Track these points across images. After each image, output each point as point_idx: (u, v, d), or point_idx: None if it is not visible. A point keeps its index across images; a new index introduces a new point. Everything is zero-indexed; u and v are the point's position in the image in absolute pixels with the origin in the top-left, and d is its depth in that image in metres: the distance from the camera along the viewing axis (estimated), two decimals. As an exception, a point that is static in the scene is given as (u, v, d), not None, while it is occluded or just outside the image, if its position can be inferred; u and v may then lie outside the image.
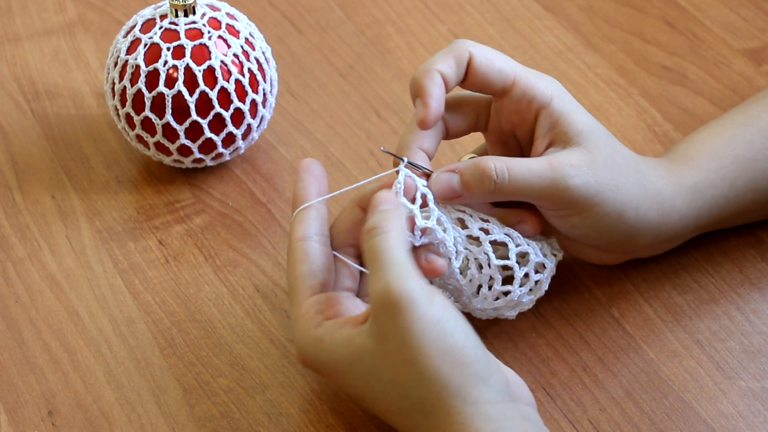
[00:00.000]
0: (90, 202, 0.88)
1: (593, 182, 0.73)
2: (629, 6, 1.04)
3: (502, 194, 0.73)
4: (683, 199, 0.78)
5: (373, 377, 0.67)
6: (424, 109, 0.72)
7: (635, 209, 0.75)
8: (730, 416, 0.74)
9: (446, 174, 0.73)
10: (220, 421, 0.74)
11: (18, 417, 0.75)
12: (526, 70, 0.75)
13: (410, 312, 0.65)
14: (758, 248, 0.83)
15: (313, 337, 0.69)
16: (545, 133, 0.75)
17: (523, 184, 0.72)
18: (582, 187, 0.73)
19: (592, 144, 0.74)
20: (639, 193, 0.76)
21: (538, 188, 0.73)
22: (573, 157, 0.73)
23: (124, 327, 0.80)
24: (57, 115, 0.95)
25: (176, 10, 0.85)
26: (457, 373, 0.65)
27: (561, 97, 0.75)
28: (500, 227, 0.75)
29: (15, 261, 0.84)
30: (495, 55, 0.74)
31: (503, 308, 0.76)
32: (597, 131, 0.75)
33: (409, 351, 0.65)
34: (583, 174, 0.73)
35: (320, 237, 0.73)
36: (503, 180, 0.72)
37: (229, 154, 0.88)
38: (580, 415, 0.74)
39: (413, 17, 1.03)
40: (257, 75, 0.86)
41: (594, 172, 0.73)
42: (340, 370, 0.69)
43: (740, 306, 0.80)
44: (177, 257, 0.84)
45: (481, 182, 0.72)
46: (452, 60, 0.73)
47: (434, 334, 0.65)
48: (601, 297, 0.81)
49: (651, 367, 0.77)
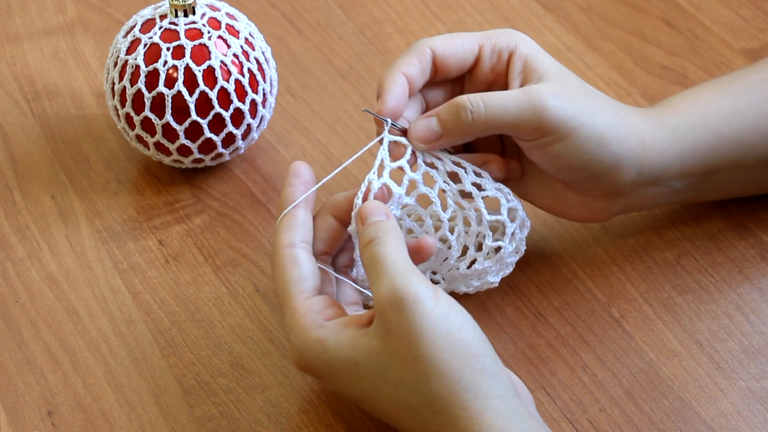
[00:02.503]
0: (90, 202, 0.88)
1: (570, 105, 0.74)
2: (629, 6, 1.04)
3: (480, 126, 0.74)
4: (664, 135, 0.78)
5: (380, 377, 0.67)
6: (380, 104, 0.74)
7: (615, 135, 0.76)
8: (730, 416, 0.74)
9: (424, 119, 0.75)
10: (219, 421, 0.74)
11: (18, 417, 0.75)
12: (487, 32, 0.77)
13: (417, 308, 0.65)
14: (758, 248, 0.83)
15: (314, 338, 0.69)
16: (517, 75, 0.76)
17: (501, 111, 0.73)
18: (560, 108, 0.74)
19: (562, 78, 0.76)
20: (616, 120, 0.76)
21: (516, 114, 0.73)
22: (547, 86, 0.74)
23: (124, 327, 0.80)
24: (57, 114, 0.95)
25: (176, 10, 0.85)
26: (468, 367, 0.65)
27: (525, 42, 0.77)
28: (492, 182, 0.76)
29: (15, 261, 0.84)
30: (452, 36, 0.76)
31: (489, 272, 0.76)
32: (565, 70, 0.77)
33: (419, 346, 0.65)
34: (559, 96, 0.74)
35: (306, 245, 0.73)
36: (479, 111, 0.73)
37: (228, 154, 0.88)
38: (580, 415, 0.74)
39: (413, 17, 1.03)
40: (257, 75, 0.86)
41: (570, 97, 0.74)
42: (345, 372, 0.68)
43: (740, 306, 0.80)
44: (177, 257, 0.84)
45: (458, 117, 0.73)
46: (414, 59, 0.75)
47: (443, 329, 0.65)
48: (601, 297, 0.81)
49: (651, 367, 0.77)
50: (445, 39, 0.76)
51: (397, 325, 0.65)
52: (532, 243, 0.84)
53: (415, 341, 0.65)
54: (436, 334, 0.65)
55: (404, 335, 0.65)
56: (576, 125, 0.74)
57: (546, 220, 0.85)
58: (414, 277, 0.66)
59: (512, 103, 0.73)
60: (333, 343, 0.68)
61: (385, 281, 0.66)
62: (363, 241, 0.69)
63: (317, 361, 0.69)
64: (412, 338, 0.65)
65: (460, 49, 0.76)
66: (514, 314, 0.80)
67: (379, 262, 0.67)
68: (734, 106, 0.80)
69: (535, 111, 0.73)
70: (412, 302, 0.65)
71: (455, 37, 0.76)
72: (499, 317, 0.80)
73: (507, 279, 0.81)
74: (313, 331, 0.69)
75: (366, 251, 0.69)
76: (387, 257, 0.67)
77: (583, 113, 0.74)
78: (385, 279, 0.66)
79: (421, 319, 0.65)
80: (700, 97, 0.81)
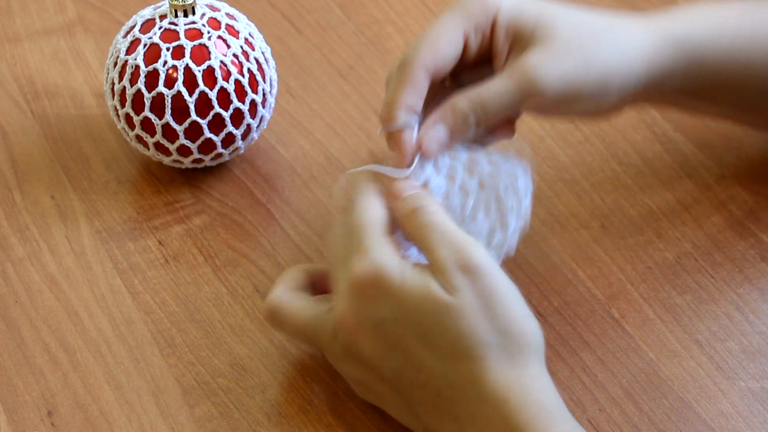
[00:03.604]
0: (90, 202, 0.88)
1: (561, 74, 0.73)
2: (629, 6, 1.04)
3: (486, 124, 0.74)
4: (673, 50, 0.76)
5: (438, 327, 0.67)
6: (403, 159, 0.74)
7: (619, 75, 0.74)
8: (730, 416, 0.74)
9: (432, 131, 0.74)
10: (219, 421, 0.74)
11: (17, 417, 0.75)
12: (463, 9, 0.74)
13: (491, 275, 0.67)
14: (758, 248, 0.83)
15: (398, 260, 0.69)
16: (502, 46, 0.75)
17: (500, 107, 0.73)
18: (550, 85, 0.72)
19: (548, 34, 0.73)
20: (617, 57, 0.74)
21: (515, 104, 0.73)
22: (534, 59, 0.73)
23: (124, 327, 0.80)
24: (57, 115, 0.95)
25: (176, 11, 0.85)
26: (537, 335, 0.68)
27: (502, 5, 0.74)
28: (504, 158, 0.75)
29: (14, 261, 0.84)
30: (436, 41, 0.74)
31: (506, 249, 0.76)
32: (552, 16, 0.74)
33: (496, 307, 0.67)
34: (546, 72, 0.72)
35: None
36: (480, 112, 0.73)
37: (228, 155, 0.88)
38: (580, 415, 0.74)
39: (413, 17, 1.03)
40: (257, 75, 0.86)
41: (558, 64, 0.73)
42: (407, 310, 0.68)
43: (740, 306, 0.80)
44: (176, 257, 0.84)
45: (464, 121, 0.73)
46: (412, 91, 0.74)
47: (514, 297, 0.68)
48: (601, 297, 0.81)
49: (651, 367, 0.77)
50: (430, 50, 0.74)
51: (474, 288, 0.67)
52: (532, 243, 0.84)
53: (491, 302, 0.67)
54: (512, 300, 0.67)
55: (482, 296, 0.67)
56: (576, 89, 0.73)
57: (546, 220, 0.85)
58: (478, 248, 0.68)
59: (507, 98, 0.73)
60: (409, 278, 0.68)
61: (453, 248, 0.68)
62: (405, 210, 0.70)
63: (390, 283, 0.68)
64: (489, 299, 0.67)
65: (448, 55, 0.74)
66: (514, 314, 0.80)
67: (436, 229, 0.69)
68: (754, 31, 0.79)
69: (532, 97, 0.73)
70: (485, 270, 0.67)
71: (439, 41, 0.74)
72: (499, 317, 0.80)
73: (507, 279, 0.82)
74: (398, 257, 0.69)
75: (414, 218, 0.69)
76: (445, 225, 0.69)
77: (581, 73, 0.73)
78: (452, 246, 0.68)
79: (498, 284, 0.67)
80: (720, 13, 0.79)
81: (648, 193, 0.87)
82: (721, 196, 0.87)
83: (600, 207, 0.86)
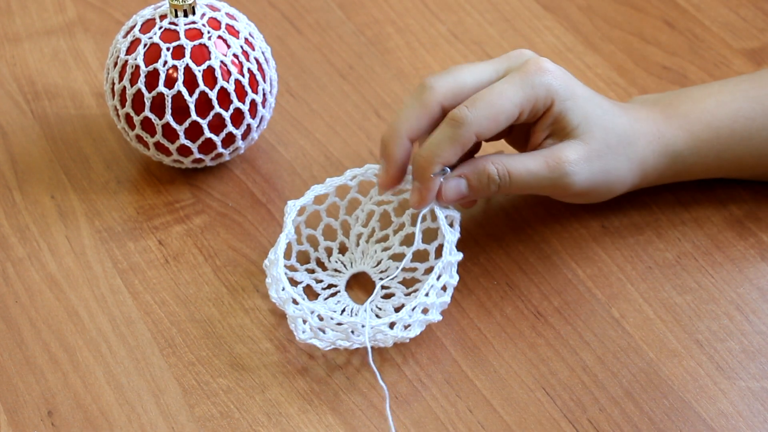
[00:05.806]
0: (89, 202, 0.88)
1: (588, 174, 0.79)
2: (629, 6, 1.04)
3: (504, 193, 0.79)
4: (666, 163, 0.83)
5: None
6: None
7: (622, 182, 0.82)
8: (730, 416, 0.74)
9: (454, 180, 0.78)
10: (219, 422, 0.74)
11: (18, 417, 0.75)
12: (527, 85, 0.77)
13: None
14: (758, 248, 0.83)
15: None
16: (545, 128, 0.79)
17: (524, 184, 0.79)
18: (578, 182, 0.79)
19: (587, 135, 0.79)
20: (627, 167, 0.81)
21: (538, 187, 0.79)
22: (570, 152, 0.79)
23: (124, 327, 0.80)
24: (57, 115, 0.95)
25: (176, 11, 0.85)
26: None
27: (559, 96, 0.78)
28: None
29: (15, 261, 0.84)
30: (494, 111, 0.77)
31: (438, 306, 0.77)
32: (592, 121, 0.79)
33: None
34: (579, 170, 0.79)
35: None
36: (505, 183, 0.78)
37: (228, 154, 0.88)
38: (580, 415, 0.74)
39: (413, 17, 1.03)
40: (257, 75, 0.86)
41: (589, 165, 0.79)
42: None
43: (740, 306, 0.80)
44: (177, 257, 0.84)
45: (487, 186, 0.78)
46: (459, 152, 0.77)
47: None
48: (601, 297, 0.81)
49: (651, 367, 0.77)
50: (487, 120, 0.76)
51: None
52: (532, 243, 0.84)
53: None
54: None
55: None
56: (591, 189, 0.80)
57: (546, 220, 0.85)
58: None
59: (534, 179, 0.78)
60: None
61: None
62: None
63: None
64: None
65: (500, 127, 0.77)
66: (514, 314, 0.80)
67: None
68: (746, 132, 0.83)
69: (556, 187, 0.79)
70: None
71: (499, 117, 0.77)
72: (499, 317, 0.80)
73: (507, 279, 0.82)
74: None
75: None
76: None
77: (600, 177, 0.80)
78: None
79: None
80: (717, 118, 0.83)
81: (648, 193, 0.87)
82: (721, 196, 0.87)
83: (600, 207, 0.86)
